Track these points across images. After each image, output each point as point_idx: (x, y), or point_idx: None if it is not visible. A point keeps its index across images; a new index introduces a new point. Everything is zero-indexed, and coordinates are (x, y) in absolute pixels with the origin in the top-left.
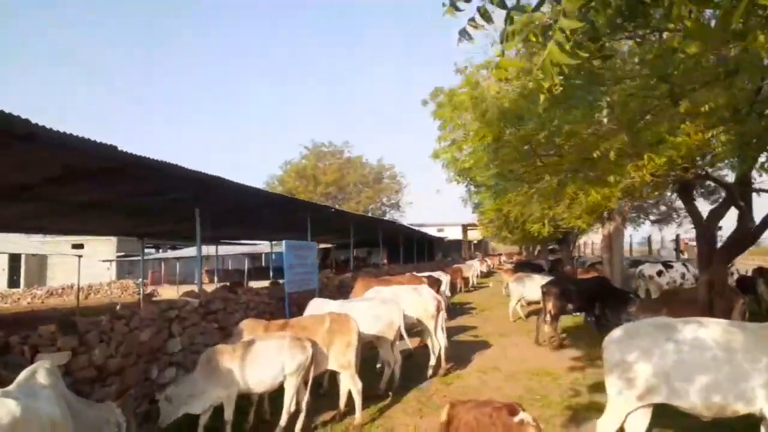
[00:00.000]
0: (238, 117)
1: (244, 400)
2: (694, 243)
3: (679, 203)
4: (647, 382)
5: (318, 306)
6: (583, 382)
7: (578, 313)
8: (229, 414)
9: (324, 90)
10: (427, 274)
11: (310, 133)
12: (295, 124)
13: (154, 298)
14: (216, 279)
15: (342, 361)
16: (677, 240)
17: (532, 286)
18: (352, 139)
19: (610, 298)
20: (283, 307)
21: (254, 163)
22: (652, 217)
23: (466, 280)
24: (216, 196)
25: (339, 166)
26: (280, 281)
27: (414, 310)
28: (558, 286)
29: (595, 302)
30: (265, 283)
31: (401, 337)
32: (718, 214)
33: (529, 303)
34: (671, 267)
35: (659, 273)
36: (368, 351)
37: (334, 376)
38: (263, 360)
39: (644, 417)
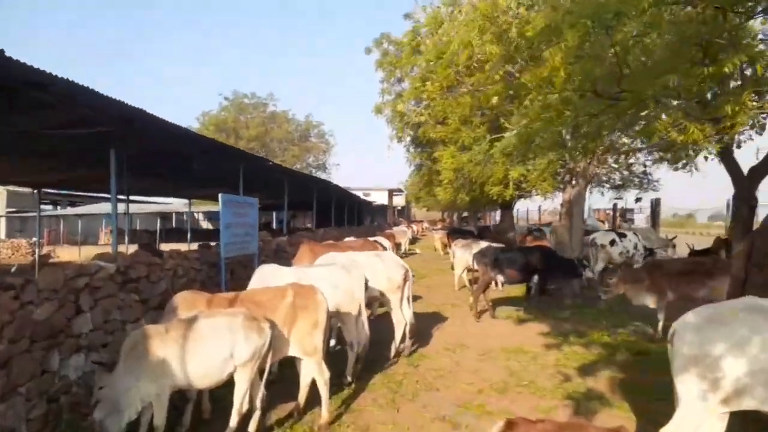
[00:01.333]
0: (145, 58)
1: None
2: (610, 212)
3: (638, 168)
4: (738, 383)
5: (269, 274)
6: (568, 364)
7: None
8: (159, 418)
9: (249, 34)
10: (373, 239)
11: (231, 83)
12: (215, 70)
13: (51, 260)
14: (127, 240)
15: (307, 345)
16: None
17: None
18: (278, 92)
19: (556, 268)
20: (217, 274)
21: (166, 112)
22: (613, 182)
23: (398, 246)
24: (136, 135)
25: (263, 120)
26: (212, 243)
27: (377, 280)
28: (496, 254)
29: (537, 272)
30: (183, 247)
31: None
32: (760, 172)
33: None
34: (624, 236)
35: (612, 242)
36: None
37: (287, 358)
38: (208, 345)
39: (720, 426)
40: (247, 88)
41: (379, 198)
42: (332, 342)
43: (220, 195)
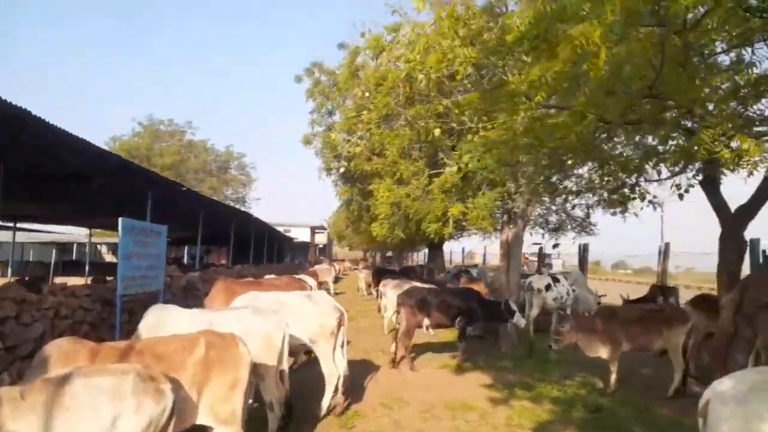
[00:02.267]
0: (55, 80)
1: None
2: (534, 258)
3: (575, 212)
4: None
5: (161, 317)
6: (522, 423)
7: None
8: None
9: (168, 59)
10: (298, 276)
11: (145, 109)
12: (128, 96)
13: None
14: (10, 273)
15: (223, 411)
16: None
17: None
18: (197, 121)
19: (481, 311)
20: (111, 316)
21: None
22: (552, 225)
23: (321, 285)
24: (25, 145)
25: (178, 149)
26: (109, 278)
27: (307, 324)
28: (423, 295)
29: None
30: (80, 281)
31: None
32: (749, 210)
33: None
34: (558, 281)
35: (547, 287)
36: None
37: None
38: (80, 417)
39: None
40: (163, 115)
41: (301, 235)
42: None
43: (120, 219)
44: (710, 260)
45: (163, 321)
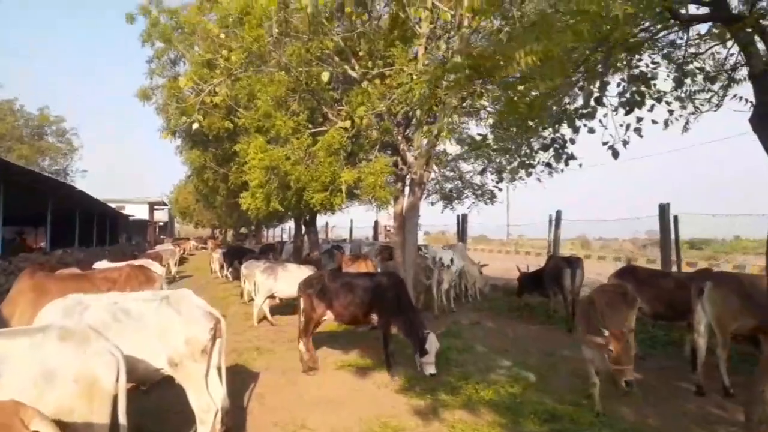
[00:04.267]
0: None
1: None
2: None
3: (477, 179)
4: None
5: None
6: None
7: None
8: None
9: None
10: (139, 263)
11: None
12: None
13: None
14: None
15: None
16: (376, 224)
17: (288, 278)
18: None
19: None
20: None
21: None
22: (445, 192)
23: (166, 268)
24: None
25: None
26: None
27: (165, 342)
28: (323, 284)
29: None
30: None
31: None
32: None
33: (281, 300)
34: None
35: (451, 260)
36: None
37: None
38: None
39: None
40: None
41: (138, 212)
42: None
43: None
44: (603, 228)
45: None
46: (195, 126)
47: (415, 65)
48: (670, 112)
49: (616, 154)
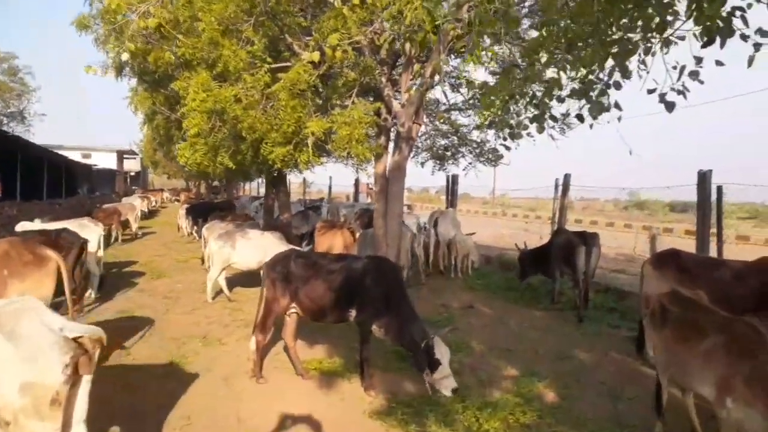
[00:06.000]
0: None
1: None
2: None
3: (475, 135)
4: None
5: None
6: None
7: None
8: None
9: None
10: (58, 225)
11: None
12: None
13: None
14: None
15: None
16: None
17: (248, 247)
18: None
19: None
20: None
21: None
22: (437, 150)
23: (124, 224)
24: None
25: None
26: None
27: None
28: (288, 265)
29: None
30: None
31: None
32: None
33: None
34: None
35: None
36: None
37: None
38: None
39: None
40: None
41: (106, 161)
42: None
43: None
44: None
45: None
46: (124, 57)
47: None
48: (757, 46)
49: (670, 107)
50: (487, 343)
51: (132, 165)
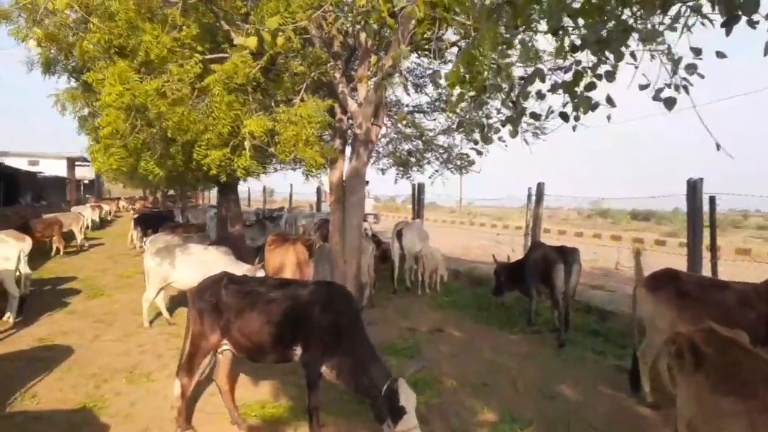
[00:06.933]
0: None
1: None
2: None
3: (442, 140)
4: None
5: None
6: None
7: None
8: None
9: None
10: None
11: None
12: None
13: None
14: None
15: None
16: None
17: (188, 264)
18: None
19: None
20: None
21: None
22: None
23: (69, 236)
24: None
25: None
26: None
27: None
28: (217, 294)
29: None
30: None
31: None
32: None
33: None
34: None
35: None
36: None
37: None
38: None
39: None
40: None
41: (55, 168)
42: None
43: None
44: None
45: None
46: (32, 46)
47: None
48: None
49: (671, 104)
50: (459, 377)
51: (86, 172)
